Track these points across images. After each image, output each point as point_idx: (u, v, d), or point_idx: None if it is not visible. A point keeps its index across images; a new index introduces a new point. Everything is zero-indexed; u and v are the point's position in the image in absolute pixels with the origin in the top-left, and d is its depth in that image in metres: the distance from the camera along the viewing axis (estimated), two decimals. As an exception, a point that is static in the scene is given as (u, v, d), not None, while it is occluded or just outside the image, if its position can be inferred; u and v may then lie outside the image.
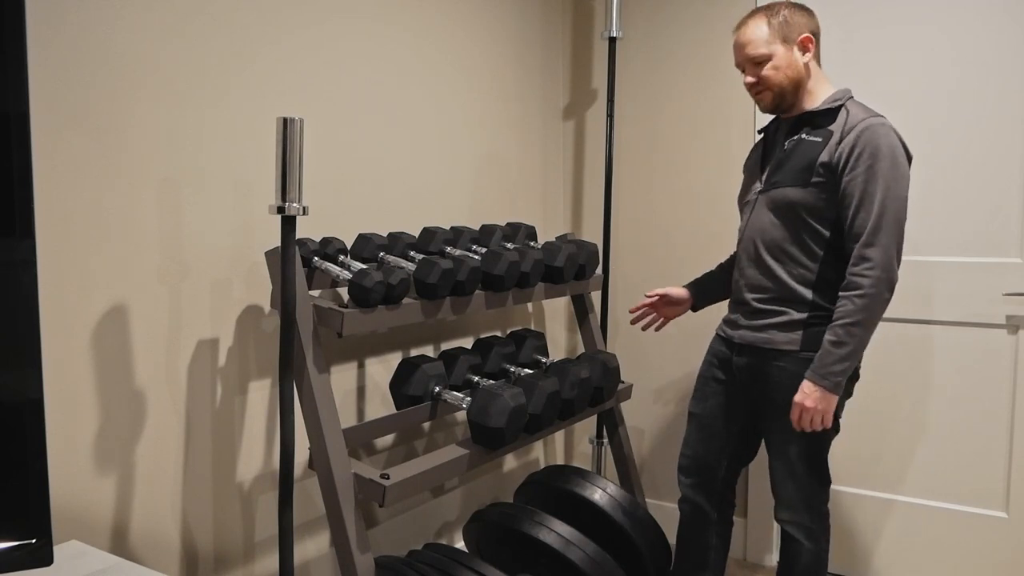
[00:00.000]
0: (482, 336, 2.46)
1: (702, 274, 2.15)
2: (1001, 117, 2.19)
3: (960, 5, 2.22)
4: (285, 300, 1.42)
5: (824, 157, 1.70)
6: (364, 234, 1.91)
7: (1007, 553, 2.25)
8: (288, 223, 1.39)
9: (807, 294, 1.75)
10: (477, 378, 2.07)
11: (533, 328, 2.69)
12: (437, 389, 1.96)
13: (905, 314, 2.34)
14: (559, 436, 3.04)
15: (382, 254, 1.90)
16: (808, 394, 1.67)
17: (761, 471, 2.57)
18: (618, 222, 2.86)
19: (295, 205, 1.36)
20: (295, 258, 1.48)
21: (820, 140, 1.72)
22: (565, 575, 1.91)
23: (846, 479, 2.48)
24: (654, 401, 2.82)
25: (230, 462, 1.73)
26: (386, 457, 2.18)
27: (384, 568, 1.73)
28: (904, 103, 2.32)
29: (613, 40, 2.65)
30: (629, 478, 2.47)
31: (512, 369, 2.18)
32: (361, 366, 2.08)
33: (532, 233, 2.35)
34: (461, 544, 2.48)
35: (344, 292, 2.00)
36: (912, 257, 2.32)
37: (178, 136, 1.58)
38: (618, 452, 2.47)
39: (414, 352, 2.27)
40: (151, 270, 1.55)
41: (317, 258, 1.77)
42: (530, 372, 2.13)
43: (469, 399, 1.83)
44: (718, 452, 1.96)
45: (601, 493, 2.13)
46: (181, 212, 1.60)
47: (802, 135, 1.77)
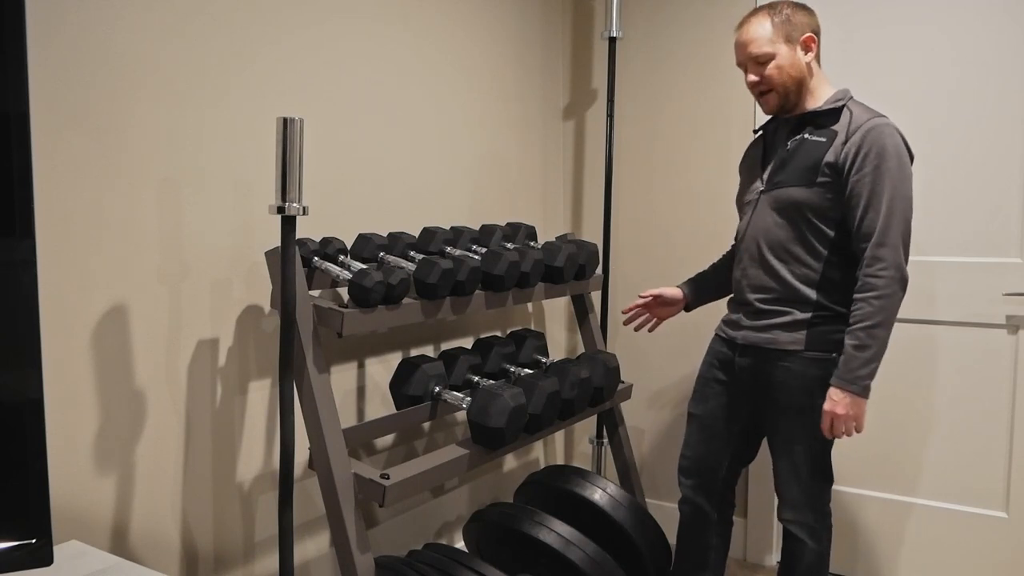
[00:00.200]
0: (482, 336, 2.46)
1: (695, 274, 2.15)
2: (1001, 117, 2.19)
3: (960, 5, 2.22)
4: (285, 300, 1.42)
5: (830, 157, 1.70)
6: (364, 234, 1.91)
7: (1007, 553, 2.25)
8: (288, 223, 1.39)
9: (811, 294, 1.75)
10: (477, 378, 2.07)
11: (533, 328, 2.69)
12: (437, 389, 1.96)
13: (905, 314, 2.34)
14: (559, 436, 3.04)
15: (382, 254, 1.90)
16: (838, 401, 1.66)
17: (761, 471, 2.57)
18: (618, 222, 2.86)
19: (295, 205, 1.36)
20: (295, 258, 1.48)
21: (824, 140, 1.72)
22: (565, 575, 1.91)
23: (846, 479, 2.48)
24: (654, 401, 2.82)
25: (230, 462, 1.73)
26: (386, 457, 2.18)
27: (384, 568, 1.73)
28: (904, 103, 2.32)
29: (613, 40, 2.65)
30: (629, 478, 2.47)
31: (512, 369, 2.18)
32: (361, 366, 2.08)
33: (532, 233, 2.35)
34: (461, 544, 2.48)
35: (344, 292, 2.00)
36: (912, 257, 2.32)
37: (178, 136, 1.58)
38: (618, 452, 2.47)
39: (414, 352, 2.27)
40: (151, 270, 1.55)
41: (317, 258, 1.77)
42: (530, 372, 2.13)
43: (469, 399, 1.82)
44: (719, 453, 1.95)
45: (601, 493, 2.13)
46: (181, 212, 1.60)
47: (805, 135, 1.77)
